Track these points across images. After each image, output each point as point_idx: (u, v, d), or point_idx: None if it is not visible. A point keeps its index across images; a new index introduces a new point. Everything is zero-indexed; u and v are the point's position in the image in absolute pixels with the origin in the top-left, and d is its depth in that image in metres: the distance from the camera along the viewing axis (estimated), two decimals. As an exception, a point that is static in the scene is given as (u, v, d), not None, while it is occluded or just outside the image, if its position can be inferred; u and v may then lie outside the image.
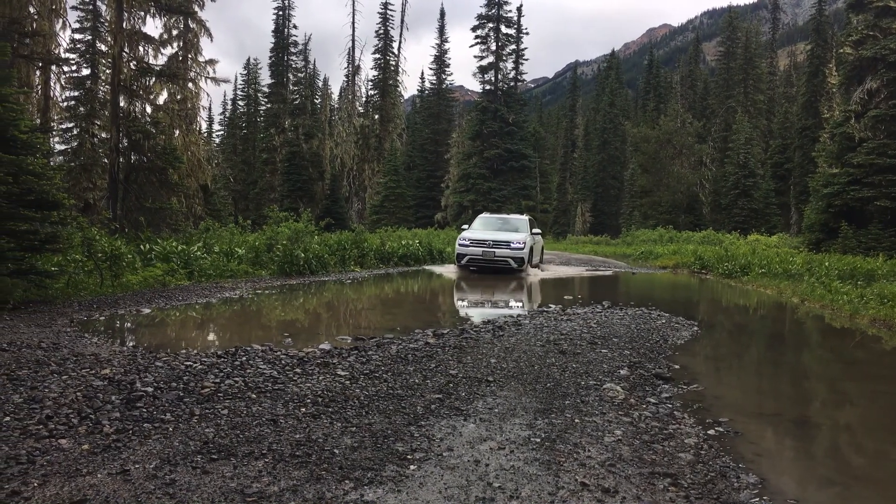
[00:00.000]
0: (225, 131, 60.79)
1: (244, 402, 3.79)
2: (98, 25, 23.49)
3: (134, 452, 2.96)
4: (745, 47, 51.65)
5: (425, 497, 2.57)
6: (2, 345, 5.37)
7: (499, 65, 46.09)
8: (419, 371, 4.75)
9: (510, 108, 45.33)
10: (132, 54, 20.58)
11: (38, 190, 8.04)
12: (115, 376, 4.22)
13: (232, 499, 2.49)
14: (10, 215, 7.77)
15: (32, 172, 8.00)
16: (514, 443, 3.25)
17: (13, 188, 7.62)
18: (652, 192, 45.32)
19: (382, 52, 49.99)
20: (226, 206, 37.54)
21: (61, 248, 8.89)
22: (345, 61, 47.91)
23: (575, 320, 7.55)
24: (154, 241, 13.80)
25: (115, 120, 19.92)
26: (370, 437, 3.25)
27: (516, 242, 16.15)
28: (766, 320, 9.70)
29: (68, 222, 9.35)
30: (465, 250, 16.43)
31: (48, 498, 2.45)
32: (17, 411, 3.46)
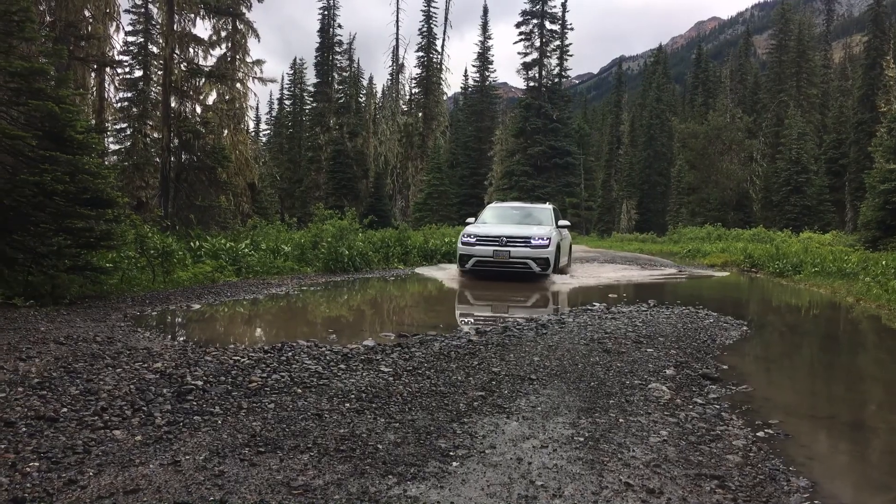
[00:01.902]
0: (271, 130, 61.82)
1: (290, 397, 3.85)
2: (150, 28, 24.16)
3: (184, 444, 3.04)
4: (797, 39, 50.17)
5: (468, 494, 2.58)
6: (59, 338, 5.57)
7: (543, 61, 45.76)
8: (462, 368, 4.76)
9: (554, 105, 44.97)
10: (182, 56, 21.08)
11: (94, 188, 8.30)
12: (167, 370, 4.34)
13: (278, 491, 2.54)
14: (68, 213, 8.04)
15: (88, 171, 8.27)
16: (557, 441, 3.23)
17: (70, 187, 7.89)
18: (700, 189, 44.44)
19: (426, 50, 50.14)
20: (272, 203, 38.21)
21: (115, 245, 9.16)
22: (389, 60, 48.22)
23: (620, 319, 7.46)
24: (203, 238, 14.12)
25: (167, 120, 20.45)
26: (413, 433, 3.27)
27: (538, 238, 12.67)
28: (818, 320, 9.42)
29: (122, 220, 9.63)
30: (470, 250, 12.87)
31: (103, 487, 2.54)
32: (73, 403, 3.59)
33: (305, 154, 49.19)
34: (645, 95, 66.81)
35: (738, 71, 59.09)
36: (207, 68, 21.75)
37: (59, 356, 4.82)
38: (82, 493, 2.48)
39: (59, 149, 8.10)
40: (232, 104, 22.36)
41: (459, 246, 13.24)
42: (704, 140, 44.34)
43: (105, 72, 22.12)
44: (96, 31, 19.10)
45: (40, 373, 4.26)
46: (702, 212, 43.04)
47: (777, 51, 51.92)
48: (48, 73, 8.57)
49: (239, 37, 22.72)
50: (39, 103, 8.02)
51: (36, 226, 7.95)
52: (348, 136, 44.42)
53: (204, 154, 20.33)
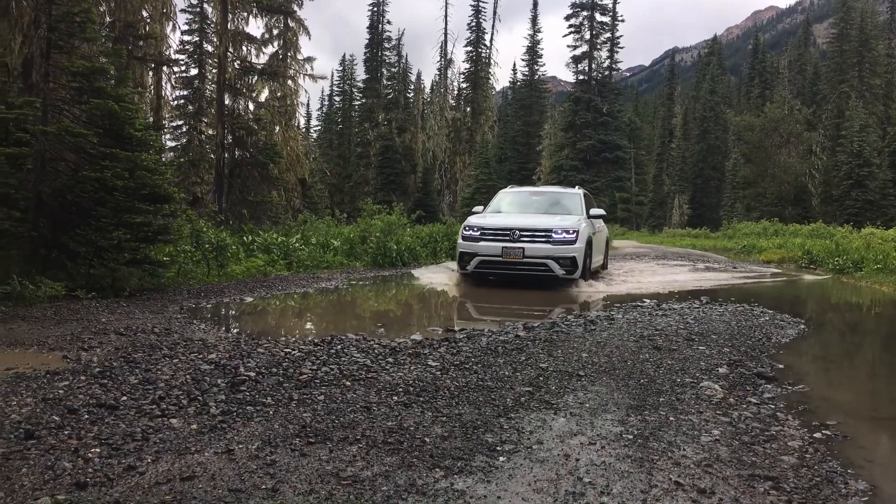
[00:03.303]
0: (322, 126, 62.64)
1: (339, 389, 3.91)
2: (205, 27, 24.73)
3: (238, 433, 3.12)
4: (860, 28, 48.23)
5: (514, 489, 2.58)
6: (119, 329, 5.77)
7: (593, 54, 45.18)
8: (509, 363, 4.75)
9: (604, 98, 44.37)
10: (236, 54, 21.52)
11: (152, 184, 8.55)
12: (221, 361, 4.45)
13: (328, 481, 2.58)
14: (127, 208, 8.32)
15: (146, 168, 8.53)
16: (606, 438, 3.20)
17: (129, 183, 8.15)
18: (756, 183, 43.25)
19: (474, 45, 50.01)
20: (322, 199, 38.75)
21: (172, 239, 9.44)
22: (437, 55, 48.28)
23: (671, 316, 7.33)
24: (256, 232, 14.43)
25: (221, 117, 20.92)
26: (460, 428, 3.28)
27: (561, 231, 10.00)
28: (881, 319, 9.08)
29: (178, 215, 9.92)
30: (472, 246, 10.28)
31: (160, 473, 2.62)
32: (132, 391, 3.72)
33: (354, 150, 49.71)
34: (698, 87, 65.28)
35: (797, 61, 57.17)
36: (260, 66, 22.18)
37: (119, 346, 5.00)
38: (141, 478, 2.57)
39: (118, 146, 8.37)
40: (283, 101, 22.74)
41: (459, 242, 10.63)
42: (761, 133, 43.10)
43: (162, 70, 22.73)
44: (154, 31, 19.64)
45: (101, 362, 4.43)
46: (758, 207, 41.89)
47: (838, 40, 50.02)
48: (108, 73, 8.86)
49: (290, 34, 23.08)
50: (100, 102, 8.29)
51: (97, 220, 8.24)
52: (397, 131, 44.69)
53: (256, 150, 20.75)
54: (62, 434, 3.03)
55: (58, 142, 8.16)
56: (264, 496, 2.43)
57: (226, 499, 2.40)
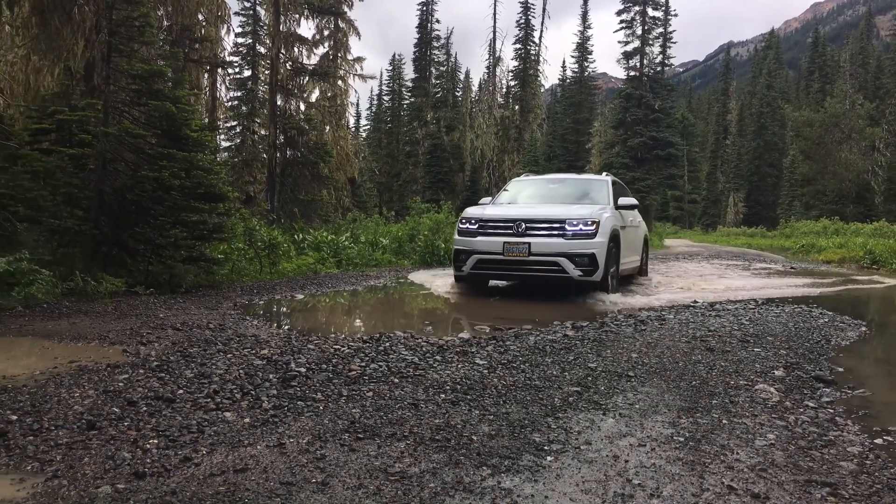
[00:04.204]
0: (371, 126, 63.21)
1: (387, 386, 3.95)
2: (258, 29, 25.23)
3: (289, 428, 3.18)
4: (927, 18, 46.17)
5: (562, 489, 2.56)
6: (176, 324, 5.94)
7: (644, 49, 44.41)
8: (557, 363, 4.71)
9: (656, 95, 43.57)
10: (288, 55, 21.90)
11: (207, 184, 8.79)
12: (273, 356, 4.54)
13: (376, 476, 2.61)
14: (183, 207, 8.56)
15: (202, 168, 8.76)
16: (656, 440, 3.15)
17: (185, 182, 8.39)
18: (815, 181, 41.88)
19: (523, 42, 49.69)
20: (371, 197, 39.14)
21: (226, 237, 9.68)
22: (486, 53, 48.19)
23: (724, 316, 7.16)
24: (306, 231, 14.67)
25: (273, 118, 21.32)
26: (507, 426, 3.28)
27: (577, 223, 8.32)
28: (949, 322, 8.68)
29: (232, 213, 10.17)
30: (468, 243, 8.76)
31: (215, 465, 2.69)
32: (188, 385, 3.83)
33: (403, 148, 50.01)
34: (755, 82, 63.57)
35: (859, 54, 55.13)
36: (311, 67, 22.54)
37: (175, 341, 5.15)
38: (196, 469, 2.64)
39: (175, 146, 8.62)
40: (334, 101, 23.06)
41: (455, 237, 9.15)
42: (821, 128, 41.71)
43: (217, 72, 23.31)
44: (209, 34, 20.15)
45: (159, 356, 4.57)
46: (817, 205, 40.57)
47: (904, 31, 48.02)
48: (166, 75, 9.13)
49: (341, 35, 23.38)
50: (158, 104, 8.56)
51: (155, 218, 8.50)
52: (445, 130, 44.79)
53: (307, 150, 21.10)
54: (122, 425, 3.14)
55: (118, 143, 8.45)
56: (314, 490, 2.48)
57: (277, 491, 2.45)
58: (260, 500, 2.38)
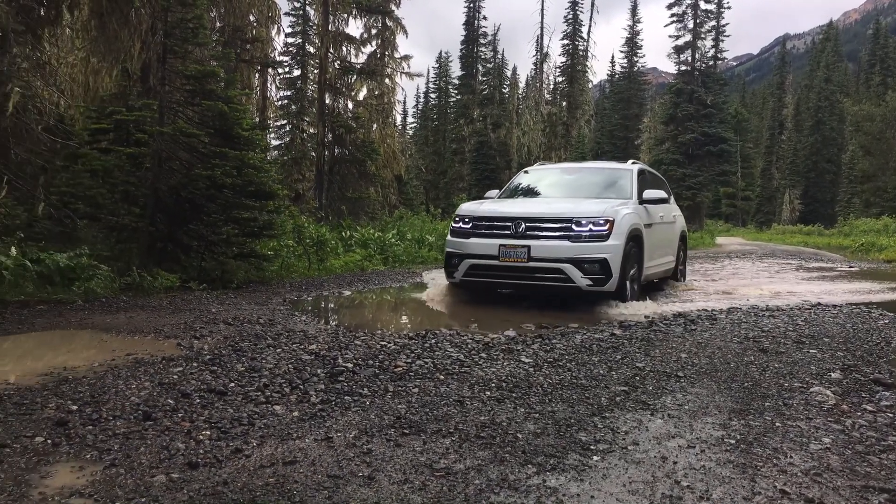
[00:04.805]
0: (417, 123, 63.47)
1: (433, 383, 3.97)
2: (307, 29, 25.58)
3: (336, 422, 3.23)
4: None
5: (608, 489, 2.54)
6: (227, 319, 6.08)
7: (696, 43, 43.49)
8: (604, 362, 4.66)
9: (708, 89, 42.63)
10: (336, 54, 22.15)
11: (258, 182, 8.97)
12: (321, 352, 4.61)
13: (421, 472, 2.63)
14: (235, 204, 8.76)
15: (253, 166, 8.95)
16: (706, 442, 3.09)
17: (237, 180, 8.58)
18: (876, 177, 40.37)
19: (571, 38, 49.13)
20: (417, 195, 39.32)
21: (276, 234, 9.87)
22: (533, 49, 47.80)
23: (779, 317, 6.97)
24: (354, 228, 14.83)
25: (322, 116, 21.60)
26: (553, 425, 3.26)
27: (586, 221, 7.19)
28: None
29: (282, 211, 10.35)
30: (461, 245, 7.68)
31: (265, 457, 2.75)
32: (240, 378, 3.92)
33: (449, 146, 50.05)
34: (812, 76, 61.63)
35: (924, 45, 52.88)
36: (359, 65, 22.75)
37: (227, 336, 5.27)
38: (247, 461, 2.70)
39: (228, 145, 8.82)
40: (381, 99, 23.24)
41: (447, 238, 8.13)
42: (882, 123, 40.17)
43: (267, 72, 23.74)
44: (260, 35, 20.53)
45: (212, 350, 4.69)
46: (878, 202, 39.09)
47: (973, 20, 45.88)
48: (219, 75, 9.34)
49: (388, 34, 23.53)
50: (211, 103, 8.76)
51: (208, 216, 8.71)
52: (491, 127, 44.66)
53: (355, 148, 21.33)
54: (176, 417, 3.24)
55: (173, 142, 8.69)
56: (361, 483, 2.51)
57: (325, 484, 2.49)
58: (308, 492, 2.42)
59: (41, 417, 3.18)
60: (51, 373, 4.02)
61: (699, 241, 30.23)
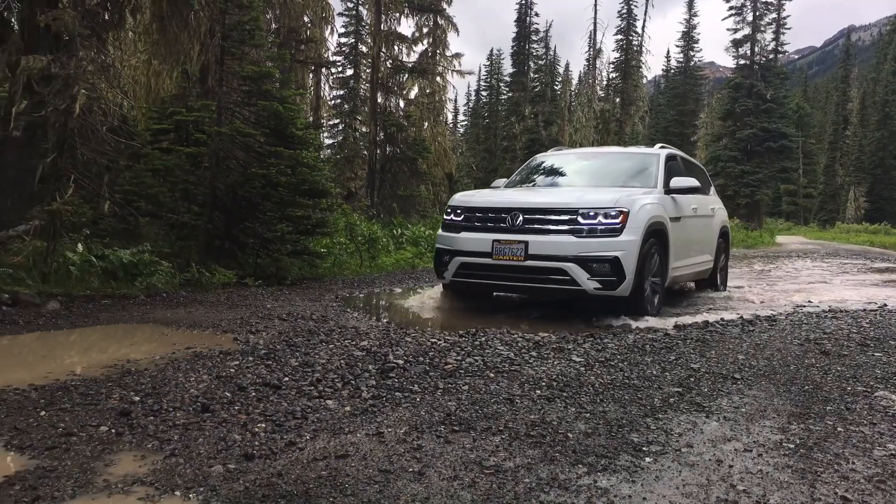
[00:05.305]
0: (468, 121, 63.44)
1: (483, 380, 3.97)
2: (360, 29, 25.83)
3: (387, 417, 3.26)
4: None
5: (661, 491, 2.50)
6: (282, 315, 6.21)
7: (755, 36, 42.27)
8: (657, 362, 4.59)
9: (768, 84, 41.39)
10: (388, 53, 22.35)
11: (311, 180, 9.12)
12: (372, 348, 4.67)
13: (471, 469, 2.64)
14: (289, 202, 8.93)
15: (306, 165, 9.11)
16: (763, 446, 3.01)
17: (291, 179, 8.74)
18: (947, 173, 38.52)
19: (625, 33, 48.36)
20: (469, 193, 39.18)
21: (329, 232, 10.02)
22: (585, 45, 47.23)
23: (842, 318, 6.73)
24: (405, 225, 14.94)
25: (374, 115, 21.82)
26: (604, 425, 3.22)
27: (594, 213, 6.18)
28: None
29: (334, 209, 10.51)
30: (451, 241, 6.84)
31: (317, 450, 2.80)
32: (293, 373, 3.99)
33: (501, 144, 49.88)
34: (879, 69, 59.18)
35: None
36: (410, 64, 22.90)
37: (281, 331, 5.39)
38: (300, 454, 2.76)
39: (282, 144, 9.00)
40: (432, 97, 23.33)
41: (439, 233, 7.27)
42: (955, 116, 38.31)
43: (321, 72, 24.07)
44: (314, 35, 20.85)
45: (266, 345, 4.79)
46: (949, 199, 37.31)
47: None
48: (274, 76, 9.53)
49: (439, 32, 23.60)
50: (267, 104, 8.95)
51: (263, 214, 8.91)
52: (543, 124, 44.34)
53: (406, 146, 21.48)
54: (233, 409, 3.32)
55: (230, 141, 8.90)
56: (411, 479, 2.53)
57: (376, 478, 2.52)
58: (359, 485, 2.46)
59: (106, 408, 3.31)
60: (115, 365, 4.18)
61: (758, 240, 29.41)
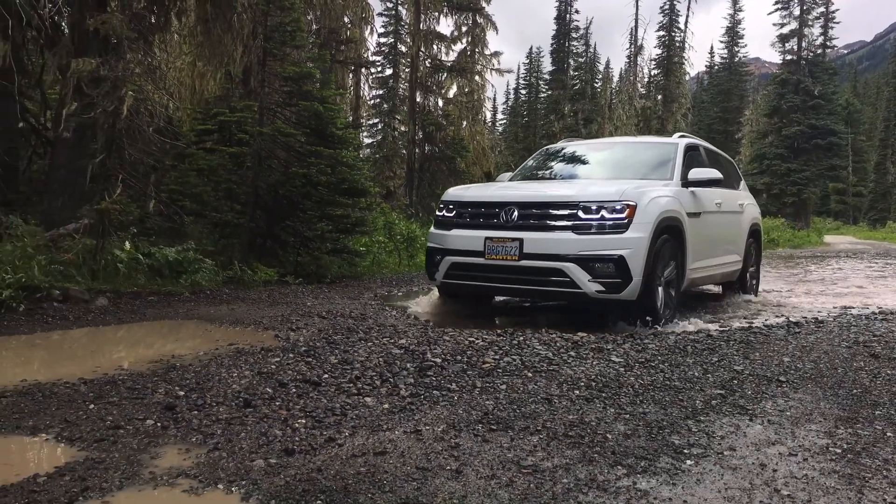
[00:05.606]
0: (507, 120, 63.23)
1: (520, 380, 3.96)
2: (399, 29, 25.96)
3: (425, 415, 3.28)
4: None
5: (703, 494, 2.46)
6: (322, 313, 6.28)
7: (802, 31, 41.22)
8: (699, 364, 4.51)
9: (815, 79, 40.32)
10: (427, 53, 22.41)
11: (351, 179, 9.21)
12: (410, 346, 4.69)
13: (508, 468, 2.63)
14: (329, 201, 9.03)
15: (346, 164, 9.20)
16: (809, 450, 2.94)
17: (331, 178, 8.84)
18: None
19: (667, 29, 47.63)
20: (507, 191, 39.10)
21: (368, 230, 10.11)
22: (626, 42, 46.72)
23: (893, 321, 6.53)
24: (443, 224, 14.95)
25: (413, 114, 21.91)
26: (644, 427, 3.18)
27: (596, 206, 5.67)
28: None
29: (373, 208, 10.60)
30: (441, 238, 6.41)
31: (356, 447, 2.83)
32: (333, 370, 4.04)
33: (540, 142, 49.50)
34: (933, 62, 57.11)
35: None
36: (449, 63, 22.93)
37: (321, 328, 5.45)
38: (339, 450, 2.79)
39: (322, 144, 9.11)
40: (471, 96, 23.32)
41: (430, 231, 6.81)
42: None
43: (361, 72, 24.28)
44: (354, 36, 21.04)
45: (307, 342, 4.86)
46: None
47: None
48: (314, 76, 9.65)
49: (478, 31, 23.57)
50: (307, 104, 9.06)
51: (303, 212, 9.03)
52: (583, 122, 43.95)
53: (444, 145, 21.52)
54: (274, 405, 3.38)
55: (271, 141, 9.04)
56: (448, 477, 2.54)
57: (413, 475, 2.54)
58: (398, 482, 2.47)
59: (152, 402, 3.39)
60: (160, 360, 4.28)
61: (805, 240, 28.70)
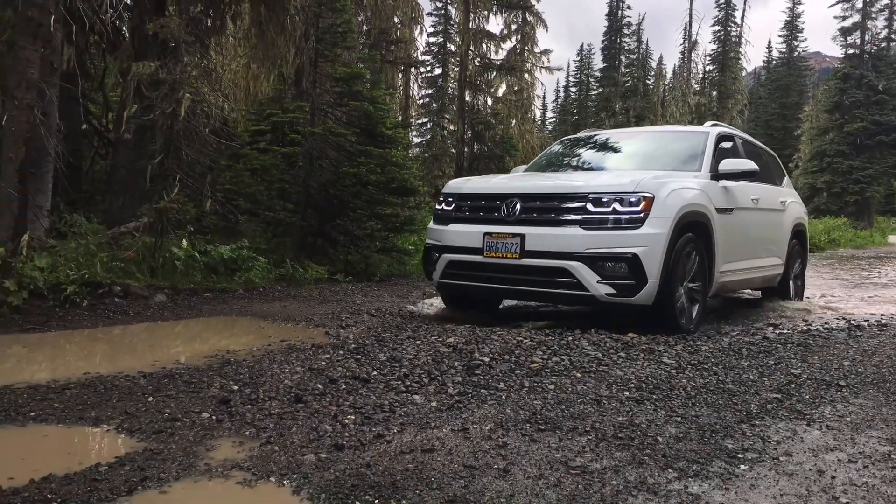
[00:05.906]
0: (557, 118, 62.68)
1: (569, 380, 3.93)
2: (448, 28, 26.01)
3: (472, 414, 3.28)
4: None
5: (757, 500, 2.40)
6: (371, 310, 6.36)
7: (866, 24, 39.68)
8: (754, 367, 4.40)
9: (880, 74, 38.79)
10: (476, 51, 22.40)
11: (400, 178, 9.28)
12: (458, 345, 4.70)
13: (556, 468, 2.62)
14: (378, 200, 9.12)
15: (395, 163, 9.27)
16: (870, 458, 2.84)
17: (380, 177, 8.93)
18: None
19: (722, 23, 46.47)
20: (557, 190, 38.76)
21: (416, 229, 10.16)
22: (680, 37, 45.77)
23: (961, 324, 6.25)
24: (492, 223, 14.93)
25: (462, 113, 21.94)
26: (696, 430, 3.13)
27: (608, 199, 5.07)
28: None
29: (422, 207, 10.65)
30: (439, 234, 5.95)
31: (404, 443, 2.85)
32: (381, 367, 4.08)
33: (590, 141, 48.99)
34: None
35: None
36: (498, 62, 22.88)
37: (370, 326, 5.51)
38: (388, 446, 2.82)
39: (372, 143, 9.20)
40: (520, 95, 23.22)
41: (429, 226, 6.31)
42: None
43: (410, 71, 24.42)
44: (403, 36, 21.18)
45: (356, 339, 4.92)
46: None
47: None
48: (365, 77, 9.75)
49: (528, 29, 23.45)
50: (358, 104, 9.17)
51: (353, 211, 9.14)
52: (634, 120, 43.24)
53: (493, 144, 21.47)
54: (324, 400, 3.43)
55: (322, 141, 9.18)
56: (496, 475, 2.54)
57: (461, 473, 2.55)
58: (445, 479, 2.49)
59: (207, 395, 3.49)
60: (215, 355, 4.40)
61: (868, 240, 27.66)
